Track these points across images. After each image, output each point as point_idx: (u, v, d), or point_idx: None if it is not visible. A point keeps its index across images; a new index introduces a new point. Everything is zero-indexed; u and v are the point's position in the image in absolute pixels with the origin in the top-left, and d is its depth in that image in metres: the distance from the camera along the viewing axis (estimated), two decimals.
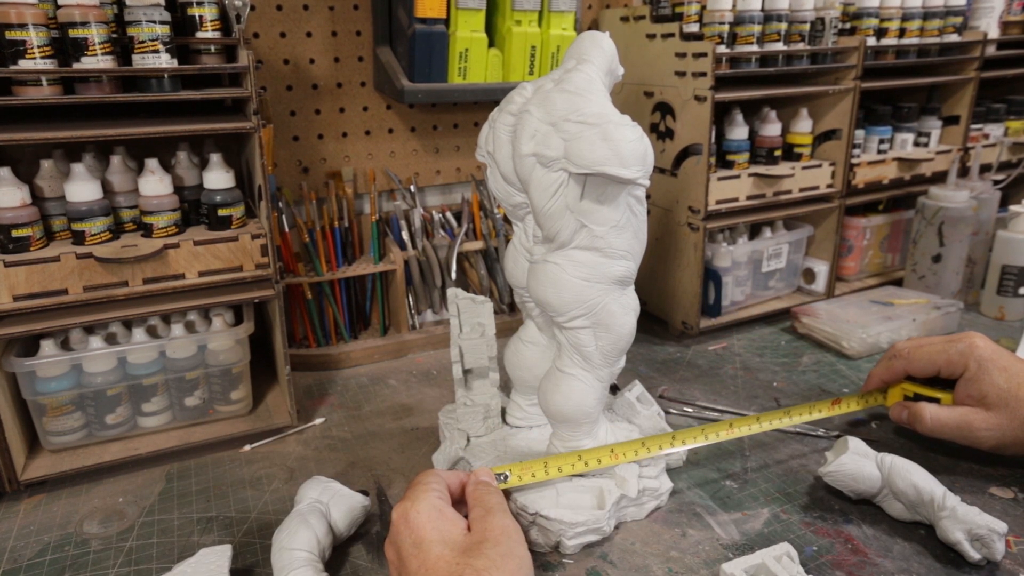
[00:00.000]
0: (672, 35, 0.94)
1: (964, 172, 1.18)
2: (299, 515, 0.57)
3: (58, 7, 0.64)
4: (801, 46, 1.01)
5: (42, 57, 0.63)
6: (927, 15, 1.11)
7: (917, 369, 0.73)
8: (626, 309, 0.60)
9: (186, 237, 0.70)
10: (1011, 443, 0.66)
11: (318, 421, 0.82)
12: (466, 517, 0.53)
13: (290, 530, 0.55)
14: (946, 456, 0.72)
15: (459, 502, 0.56)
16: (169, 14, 0.67)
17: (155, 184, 0.70)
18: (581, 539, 0.59)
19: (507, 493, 0.59)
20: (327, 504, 0.59)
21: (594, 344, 0.60)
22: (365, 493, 0.62)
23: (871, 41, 1.08)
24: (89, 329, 0.72)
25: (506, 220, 1.03)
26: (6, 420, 0.67)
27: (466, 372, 0.70)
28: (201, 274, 0.71)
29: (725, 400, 0.85)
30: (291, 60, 0.95)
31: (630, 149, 0.52)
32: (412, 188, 1.03)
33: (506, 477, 0.59)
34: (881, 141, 1.14)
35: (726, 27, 0.97)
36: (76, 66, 0.64)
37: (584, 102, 0.54)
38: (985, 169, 1.20)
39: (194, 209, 0.76)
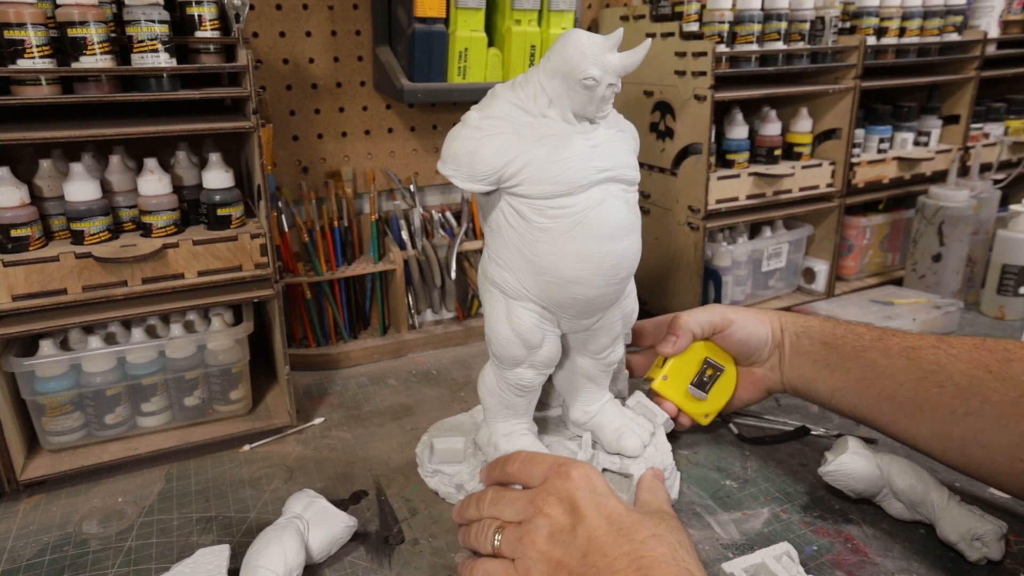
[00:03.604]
0: (672, 34, 0.94)
1: (964, 171, 1.18)
2: (275, 529, 0.56)
3: (57, 6, 0.63)
4: (801, 45, 1.01)
5: (41, 56, 0.63)
6: (927, 14, 1.11)
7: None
8: (498, 317, 0.59)
9: (185, 237, 0.70)
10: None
11: (318, 421, 0.82)
12: None
13: (260, 546, 0.54)
14: None
15: None
16: (168, 13, 0.67)
17: (154, 184, 0.70)
18: None
19: None
20: (308, 521, 0.57)
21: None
22: (358, 498, 0.61)
23: (871, 40, 1.08)
24: (88, 329, 0.72)
25: None
26: (5, 420, 0.67)
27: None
28: (200, 274, 0.71)
29: None
30: (290, 59, 0.94)
31: (454, 147, 0.55)
32: (412, 188, 1.03)
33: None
34: (881, 140, 1.14)
35: (726, 26, 0.97)
36: (75, 65, 0.64)
37: (479, 103, 0.57)
38: (985, 168, 1.20)
39: (193, 209, 0.76)
